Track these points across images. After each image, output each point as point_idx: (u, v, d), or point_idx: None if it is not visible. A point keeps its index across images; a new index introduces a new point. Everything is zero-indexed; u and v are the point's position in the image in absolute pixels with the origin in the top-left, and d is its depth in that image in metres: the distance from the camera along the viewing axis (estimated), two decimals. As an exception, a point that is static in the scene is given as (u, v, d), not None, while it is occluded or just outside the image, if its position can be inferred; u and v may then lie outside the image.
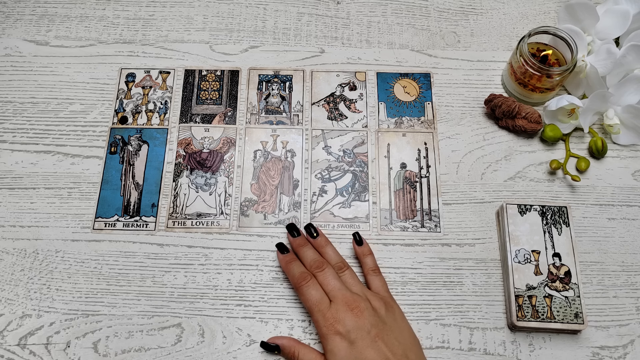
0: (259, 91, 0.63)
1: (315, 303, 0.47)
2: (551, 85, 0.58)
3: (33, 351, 0.50)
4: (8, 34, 0.66)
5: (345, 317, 0.45)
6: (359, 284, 0.49)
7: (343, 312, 0.45)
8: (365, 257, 0.52)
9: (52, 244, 0.55)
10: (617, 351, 0.51)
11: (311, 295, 0.47)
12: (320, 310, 0.46)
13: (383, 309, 0.47)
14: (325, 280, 0.48)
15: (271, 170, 0.59)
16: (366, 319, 0.45)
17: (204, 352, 0.50)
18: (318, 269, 0.49)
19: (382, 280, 0.50)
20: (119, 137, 0.60)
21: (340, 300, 0.46)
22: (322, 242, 0.52)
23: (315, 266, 0.49)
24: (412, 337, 0.46)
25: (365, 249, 0.53)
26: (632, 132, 0.59)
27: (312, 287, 0.48)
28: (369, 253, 0.52)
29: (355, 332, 0.44)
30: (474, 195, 0.58)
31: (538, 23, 0.67)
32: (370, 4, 0.68)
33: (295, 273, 0.50)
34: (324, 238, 0.53)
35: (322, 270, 0.49)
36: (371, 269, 0.51)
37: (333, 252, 0.52)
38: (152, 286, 0.53)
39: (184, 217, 0.56)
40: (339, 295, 0.46)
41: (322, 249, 0.52)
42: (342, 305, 0.46)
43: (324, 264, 0.49)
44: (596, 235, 0.56)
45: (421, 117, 0.61)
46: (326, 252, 0.51)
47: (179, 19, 0.67)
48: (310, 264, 0.50)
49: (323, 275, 0.48)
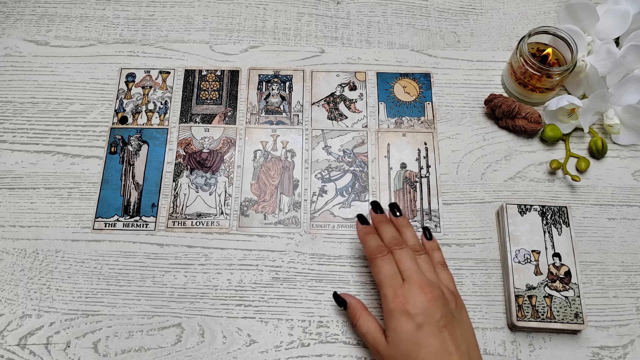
0: (259, 91, 0.63)
1: (387, 277, 0.45)
2: (551, 85, 0.58)
3: (33, 351, 0.50)
4: (8, 34, 0.66)
5: (417, 299, 0.43)
6: (434, 271, 0.47)
7: (416, 294, 0.44)
8: (434, 251, 0.51)
9: (52, 244, 0.55)
10: (617, 351, 0.51)
11: (385, 270, 0.46)
12: (392, 286, 0.45)
13: (454, 303, 0.45)
14: (402, 258, 0.47)
15: (271, 170, 0.59)
16: (437, 307, 0.43)
17: (204, 352, 0.50)
18: (397, 246, 0.47)
19: (450, 275, 0.49)
20: (119, 137, 0.60)
21: (415, 281, 0.44)
22: (403, 222, 0.51)
23: (394, 243, 0.48)
24: (474, 337, 0.45)
25: (434, 244, 0.51)
26: (632, 132, 0.59)
27: (387, 262, 0.46)
28: (437, 248, 0.51)
29: (424, 317, 0.43)
30: (474, 195, 0.58)
31: (538, 23, 0.67)
32: (370, 4, 0.68)
33: (372, 244, 0.48)
34: (405, 219, 0.51)
35: (400, 249, 0.47)
36: (439, 262, 0.50)
37: (412, 234, 0.50)
38: (152, 286, 0.53)
39: (184, 217, 0.56)
40: (415, 277, 0.45)
41: (402, 228, 0.50)
42: (416, 287, 0.44)
43: (403, 243, 0.48)
44: (596, 235, 0.56)
45: (421, 117, 0.61)
46: (405, 232, 0.50)
47: (179, 19, 0.67)
48: (389, 241, 0.48)
49: (400, 254, 0.47)
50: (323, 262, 0.54)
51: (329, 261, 0.54)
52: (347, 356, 0.50)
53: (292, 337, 0.51)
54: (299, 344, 0.51)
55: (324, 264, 0.54)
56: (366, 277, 0.54)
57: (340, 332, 0.51)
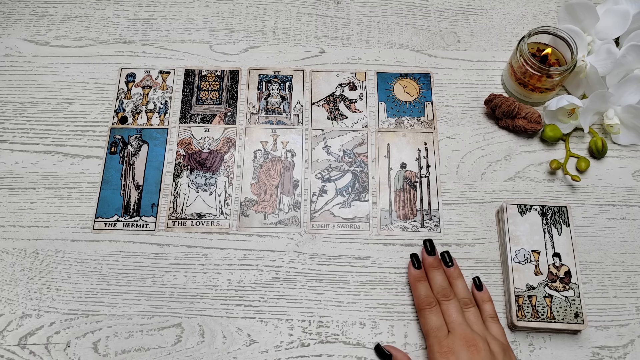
0: (259, 91, 0.63)
1: (433, 329, 0.47)
2: (551, 85, 0.58)
3: (33, 351, 0.50)
4: (8, 34, 0.66)
5: (460, 351, 0.45)
6: (481, 324, 0.48)
7: (459, 346, 0.45)
8: (485, 303, 0.51)
9: (52, 244, 0.55)
10: (617, 351, 0.51)
11: (432, 321, 0.48)
12: (437, 337, 0.46)
13: (501, 355, 0.45)
14: (448, 310, 0.48)
15: (271, 170, 0.59)
16: (481, 359, 0.44)
17: (204, 352, 0.50)
18: (445, 297, 0.49)
19: (501, 329, 0.49)
20: (119, 137, 0.60)
21: (459, 334, 0.46)
22: (455, 273, 0.52)
23: (443, 294, 0.49)
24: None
25: (485, 295, 0.51)
26: (632, 132, 0.59)
27: (434, 313, 0.48)
28: (488, 299, 0.51)
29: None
30: (474, 195, 0.58)
31: (538, 23, 0.67)
32: (370, 4, 0.68)
33: (421, 294, 0.50)
34: (457, 270, 0.52)
35: (448, 300, 0.49)
36: (490, 316, 0.50)
37: (463, 286, 0.51)
38: (152, 286, 0.53)
39: (184, 217, 0.56)
40: (459, 330, 0.46)
41: (453, 279, 0.51)
42: (460, 339, 0.45)
43: (452, 295, 0.49)
44: (596, 235, 0.56)
45: (421, 117, 0.61)
46: (456, 284, 0.51)
47: (179, 19, 0.67)
48: (438, 291, 0.50)
49: (448, 305, 0.48)
50: (323, 262, 0.54)
51: (329, 261, 0.54)
52: (347, 356, 0.50)
53: (292, 337, 0.51)
54: (299, 344, 0.51)
55: (324, 264, 0.54)
56: (366, 277, 0.54)
57: (340, 332, 0.51)
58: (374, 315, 0.52)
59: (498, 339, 0.47)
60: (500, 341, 0.47)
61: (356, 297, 0.53)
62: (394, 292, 0.53)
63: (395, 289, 0.53)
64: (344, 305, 0.53)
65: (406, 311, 0.52)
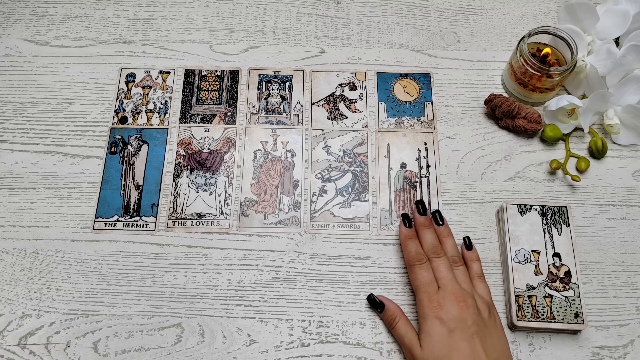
0: (259, 91, 0.63)
1: (424, 284, 0.48)
2: (551, 85, 0.58)
3: (33, 351, 0.50)
4: (8, 34, 0.66)
5: (450, 306, 0.46)
6: (469, 282, 0.49)
7: (449, 301, 0.46)
8: (473, 262, 0.52)
9: (52, 244, 0.55)
10: (617, 351, 0.51)
11: (422, 276, 0.48)
12: (427, 292, 0.47)
13: (486, 312, 0.47)
14: (439, 267, 0.49)
15: (271, 170, 0.59)
16: (469, 315, 0.46)
17: (204, 352, 0.50)
18: (435, 254, 0.50)
19: (487, 288, 0.50)
20: (119, 137, 0.60)
21: (449, 290, 0.47)
22: (445, 232, 0.52)
23: (433, 252, 0.50)
24: (507, 349, 0.47)
25: (474, 254, 0.53)
26: (632, 132, 0.59)
27: (424, 269, 0.49)
28: (476, 259, 0.52)
29: (456, 322, 0.45)
30: (474, 195, 0.58)
31: (538, 23, 0.67)
32: (370, 4, 0.68)
33: (411, 250, 0.50)
34: (448, 229, 0.53)
35: (438, 257, 0.49)
36: (477, 274, 0.51)
37: (453, 245, 0.52)
38: (152, 286, 0.53)
39: (184, 217, 0.56)
40: (449, 286, 0.47)
41: (443, 237, 0.52)
42: (450, 295, 0.46)
43: (442, 252, 0.50)
44: (596, 235, 0.56)
45: (421, 117, 0.61)
46: (446, 242, 0.52)
47: (179, 19, 0.67)
48: (429, 248, 0.50)
49: (438, 262, 0.49)
50: (323, 262, 0.54)
51: (329, 261, 0.54)
52: (347, 356, 0.50)
53: (292, 337, 0.51)
54: (299, 344, 0.51)
55: (324, 264, 0.54)
56: (366, 277, 0.54)
57: (340, 332, 0.51)
58: (374, 315, 0.52)
59: (484, 297, 0.49)
60: (486, 299, 0.49)
61: (356, 297, 0.53)
62: (394, 292, 0.53)
63: (395, 289, 0.53)
64: (344, 305, 0.53)
65: (406, 311, 0.52)
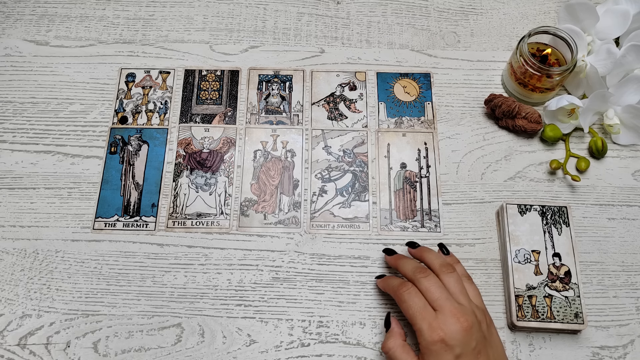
0: (259, 91, 0.63)
1: (418, 310, 0.44)
2: (551, 85, 0.58)
3: (33, 351, 0.50)
4: (8, 34, 0.66)
5: (453, 330, 0.42)
6: (464, 291, 0.46)
7: (452, 325, 0.42)
8: (456, 266, 0.49)
9: (52, 244, 0.55)
10: (617, 351, 0.51)
11: (414, 303, 0.44)
12: (425, 319, 0.43)
13: (485, 324, 0.45)
14: (430, 287, 0.45)
15: (271, 170, 0.59)
16: (473, 335, 0.43)
17: (204, 352, 0.50)
18: (421, 274, 0.46)
19: (476, 290, 0.48)
20: (119, 137, 0.60)
21: (448, 311, 0.43)
22: (422, 249, 0.50)
23: (419, 271, 0.46)
24: (503, 352, 0.45)
25: (453, 258, 0.50)
26: (632, 132, 0.59)
27: (413, 294, 0.45)
28: (457, 261, 0.49)
29: (462, 347, 0.42)
30: (474, 195, 0.58)
31: (538, 23, 0.67)
32: (370, 4, 0.68)
33: (394, 284, 0.47)
34: (424, 247, 0.50)
35: (426, 276, 0.46)
36: (464, 276, 0.48)
37: (434, 254, 0.49)
38: (152, 286, 0.53)
39: (184, 217, 0.56)
40: (446, 306, 0.43)
41: (423, 254, 0.49)
42: (450, 317, 0.43)
43: (427, 270, 0.47)
44: (596, 235, 0.56)
45: (421, 117, 0.61)
46: (427, 256, 0.49)
47: (179, 19, 0.67)
48: (413, 270, 0.47)
49: (427, 282, 0.45)
50: (323, 262, 0.54)
51: (329, 261, 0.54)
52: (347, 356, 0.50)
53: (292, 337, 0.51)
54: (299, 344, 0.51)
55: (324, 264, 0.54)
56: (366, 277, 0.54)
57: (340, 332, 0.51)
58: (374, 315, 0.52)
59: (478, 304, 0.46)
60: (481, 307, 0.46)
61: (356, 297, 0.53)
62: (394, 292, 0.53)
63: (395, 289, 0.53)
64: (344, 305, 0.53)
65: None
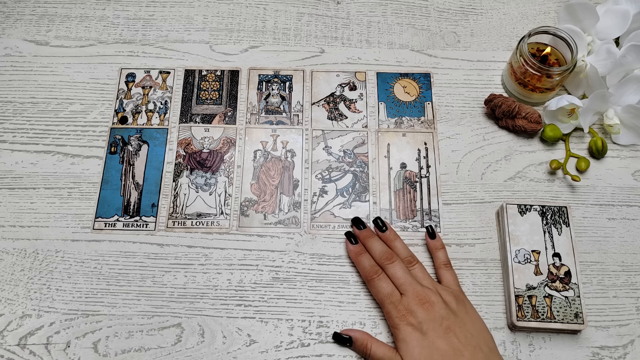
0: (259, 91, 0.63)
1: (386, 295, 0.48)
2: (551, 85, 0.58)
3: (33, 351, 0.50)
4: (8, 34, 0.66)
5: (416, 310, 0.46)
6: (428, 277, 0.50)
7: (415, 305, 0.46)
8: (438, 251, 0.52)
9: (52, 244, 0.55)
10: (617, 351, 0.51)
11: (382, 288, 0.48)
12: (392, 302, 0.47)
13: (454, 302, 0.47)
14: (395, 273, 0.49)
15: (271, 170, 0.59)
16: (437, 312, 0.46)
17: (204, 352, 0.50)
18: (387, 260, 0.50)
19: (453, 275, 0.51)
20: (119, 137, 0.60)
21: (411, 293, 0.47)
22: (390, 235, 0.53)
23: (385, 258, 0.50)
24: (484, 330, 0.47)
25: (438, 242, 0.53)
26: (632, 132, 0.59)
27: (383, 280, 0.49)
28: (441, 247, 0.52)
29: (427, 324, 0.45)
30: (474, 195, 0.58)
31: (538, 23, 0.67)
32: (370, 4, 0.68)
33: (365, 265, 0.50)
34: (392, 232, 0.53)
35: (391, 263, 0.49)
36: (443, 263, 0.51)
37: (402, 245, 0.52)
38: (152, 286, 0.53)
39: (184, 217, 0.56)
40: (410, 289, 0.47)
41: (391, 242, 0.52)
42: (413, 298, 0.47)
43: (394, 256, 0.50)
44: (596, 235, 0.56)
45: (421, 117, 0.61)
46: (395, 245, 0.52)
47: (179, 19, 0.67)
48: (380, 256, 0.50)
49: (393, 268, 0.49)
50: (323, 262, 0.54)
51: (329, 261, 0.54)
52: (347, 356, 0.50)
53: (292, 337, 0.51)
54: (299, 344, 0.51)
55: (324, 264, 0.54)
56: (366, 277, 0.54)
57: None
58: (374, 315, 0.52)
59: (450, 286, 0.49)
60: (452, 289, 0.49)
61: (356, 297, 0.53)
62: (394, 292, 0.53)
63: (395, 289, 0.53)
64: (344, 305, 0.53)
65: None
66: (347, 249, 0.53)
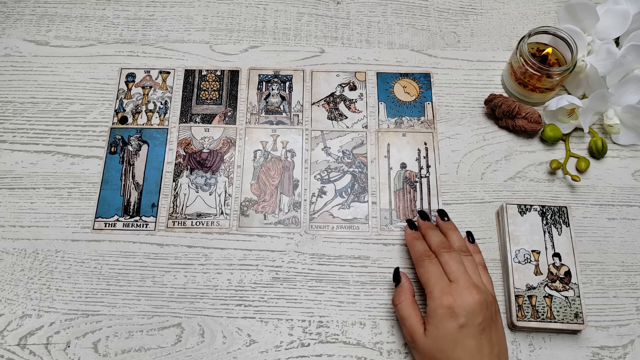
0: (259, 91, 0.63)
1: (434, 276, 0.46)
2: (551, 85, 0.58)
3: (33, 351, 0.50)
4: (8, 34, 0.66)
5: (465, 299, 0.44)
6: (479, 275, 0.48)
7: (465, 295, 0.44)
8: (475, 254, 0.51)
9: (52, 244, 0.55)
10: (617, 351, 0.51)
11: (432, 270, 0.47)
12: (439, 285, 0.46)
13: (494, 307, 0.46)
14: (450, 261, 0.47)
15: (271, 170, 0.59)
16: (481, 310, 0.44)
17: (204, 352, 0.50)
18: (444, 249, 0.48)
19: (490, 279, 0.49)
20: (119, 137, 0.60)
21: (463, 282, 0.45)
22: (450, 225, 0.52)
23: (442, 246, 0.49)
24: (505, 342, 0.47)
25: (476, 247, 0.52)
26: (632, 132, 0.59)
27: (434, 263, 0.48)
28: (478, 251, 0.51)
29: (467, 317, 0.44)
30: (474, 195, 0.58)
31: (538, 23, 0.67)
32: (370, 4, 0.68)
33: (419, 249, 0.50)
34: (452, 224, 0.52)
35: (449, 252, 0.48)
36: (480, 264, 0.50)
37: (458, 236, 0.51)
38: (152, 286, 0.53)
39: (184, 217, 0.56)
40: (462, 278, 0.46)
41: (449, 232, 0.51)
42: (465, 287, 0.45)
43: (451, 247, 0.49)
44: (596, 235, 0.56)
45: (421, 117, 0.61)
46: (452, 235, 0.51)
47: (179, 19, 0.67)
48: (437, 244, 0.49)
49: (448, 256, 0.48)
50: (323, 262, 0.54)
51: (329, 261, 0.54)
52: (347, 356, 0.50)
53: (292, 337, 0.51)
54: (299, 344, 0.51)
55: (324, 264, 0.54)
56: (366, 277, 0.54)
57: (340, 332, 0.51)
58: (374, 315, 0.52)
59: (489, 289, 0.48)
60: (491, 292, 0.48)
61: (356, 297, 0.53)
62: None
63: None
64: (344, 305, 0.53)
65: (406, 311, 0.52)
66: (405, 232, 0.52)
